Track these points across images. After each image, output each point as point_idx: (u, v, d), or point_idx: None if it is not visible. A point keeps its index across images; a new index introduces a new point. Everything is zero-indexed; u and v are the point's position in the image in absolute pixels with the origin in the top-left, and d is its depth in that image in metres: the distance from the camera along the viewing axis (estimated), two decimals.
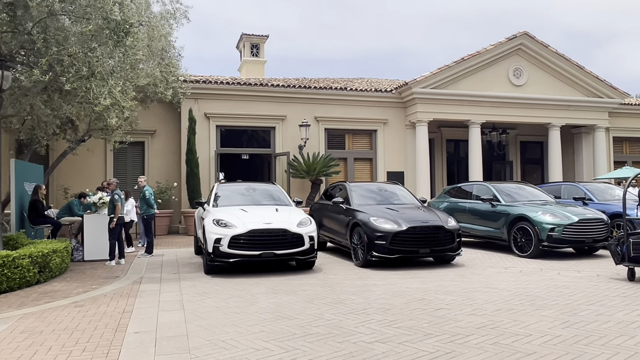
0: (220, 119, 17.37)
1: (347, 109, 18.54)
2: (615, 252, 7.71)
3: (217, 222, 8.49)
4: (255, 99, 17.60)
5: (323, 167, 16.87)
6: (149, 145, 17.24)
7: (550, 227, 9.93)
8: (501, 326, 5.17)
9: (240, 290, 7.21)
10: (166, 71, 11.21)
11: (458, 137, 20.86)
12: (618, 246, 7.69)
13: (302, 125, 17.36)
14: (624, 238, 7.58)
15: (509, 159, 21.97)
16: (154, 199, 11.46)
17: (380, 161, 18.96)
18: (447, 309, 5.96)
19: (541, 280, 7.77)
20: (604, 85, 20.09)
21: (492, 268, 9.02)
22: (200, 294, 6.96)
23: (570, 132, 21.41)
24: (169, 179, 17.04)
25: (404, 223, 8.89)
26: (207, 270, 8.59)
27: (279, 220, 8.52)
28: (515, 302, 6.28)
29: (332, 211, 10.85)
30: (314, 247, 8.71)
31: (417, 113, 18.34)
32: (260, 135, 18.41)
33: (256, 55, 25.34)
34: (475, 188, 12.28)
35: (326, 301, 6.43)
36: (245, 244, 8.25)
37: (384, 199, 10.47)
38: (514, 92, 19.17)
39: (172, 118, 17.33)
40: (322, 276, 8.32)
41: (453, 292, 6.88)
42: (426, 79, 18.10)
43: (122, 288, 7.49)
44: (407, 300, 6.41)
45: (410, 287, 7.27)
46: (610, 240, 7.97)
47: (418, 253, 8.97)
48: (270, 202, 9.92)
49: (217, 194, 10.06)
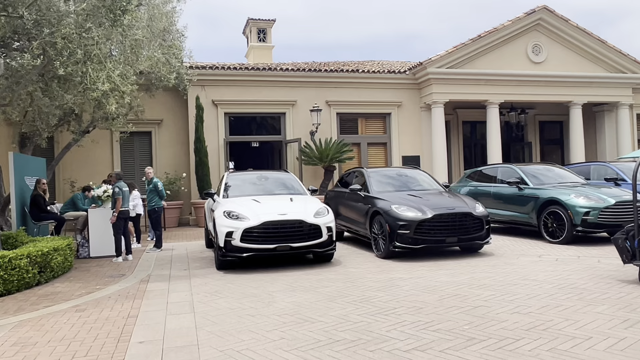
0: (229, 106, 16.75)
1: (360, 92, 17.83)
2: (624, 248, 6.21)
3: (228, 214, 7.91)
4: (264, 84, 16.95)
5: (336, 153, 16.23)
6: (156, 135, 16.68)
7: (585, 210, 9.24)
8: (553, 327, 4.55)
9: (255, 288, 6.64)
10: (168, 53, 10.58)
11: (475, 119, 20.07)
12: (627, 241, 6.19)
13: (313, 110, 16.70)
14: (634, 230, 6.11)
15: (528, 140, 21.16)
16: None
17: (395, 145, 18.27)
18: (487, 306, 5.34)
19: (582, 269, 7.12)
20: (628, 60, 19.17)
21: (525, 256, 8.37)
22: (212, 294, 6.40)
23: (592, 110, 20.54)
24: (178, 170, 16.49)
25: (429, 210, 8.25)
26: (219, 266, 8.04)
27: (294, 211, 7.92)
28: (561, 296, 5.65)
29: (349, 199, 10.23)
30: (332, 238, 8.11)
31: (432, 94, 17.59)
32: (270, 122, 17.78)
33: (263, 40, 24.59)
34: (500, 171, 11.58)
35: (350, 299, 5.85)
36: (258, 237, 7.67)
37: (404, 185, 9.83)
38: (533, 70, 18.33)
39: (178, 106, 16.74)
40: (342, 270, 7.73)
41: (489, 286, 6.26)
42: (441, 58, 17.32)
43: (128, 288, 6.96)
44: (440, 297, 5.80)
45: (440, 281, 6.66)
46: (617, 234, 6.33)
47: (444, 242, 8.35)
48: (284, 191, 9.32)
49: (227, 184, 9.48)
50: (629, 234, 6.19)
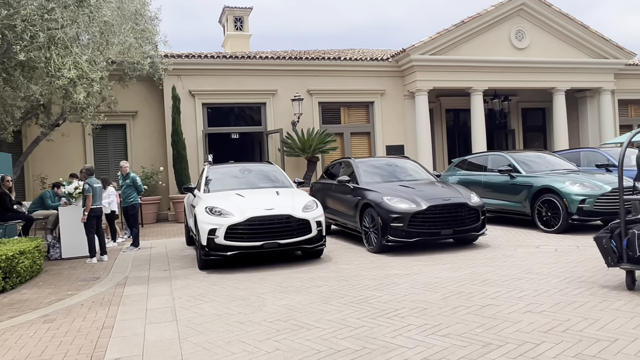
0: (207, 97, 16.09)
1: (342, 81, 17.32)
2: (609, 249, 5.23)
3: (211, 210, 7.38)
4: (242, 73, 16.31)
5: (319, 144, 15.73)
6: (131, 127, 15.94)
7: (580, 198, 8.95)
8: (572, 328, 4.17)
9: (242, 289, 6.14)
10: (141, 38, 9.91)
11: (458, 107, 19.76)
12: (612, 240, 5.22)
13: (294, 99, 16.15)
14: (619, 228, 5.17)
15: (511, 127, 20.96)
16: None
17: (379, 135, 17.85)
18: (495, 305, 4.95)
19: (585, 260, 6.80)
20: (610, 45, 19.02)
21: (522, 247, 8.04)
22: (195, 297, 5.89)
23: (574, 96, 20.41)
24: (155, 163, 15.81)
25: (423, 202, 7.84)
26: (202, 266, 7.51)
27: (281, 205, 7.43)
28: (571, 291, 5.29)
29: (336, 191, 9.77)
30: (322, 233, 7.65)
31: (416, 82, 17.18)
32: (250, 112, 17.17)
33: (240, 29, 23.93)
34: (490, 159, 11.25)
35: (346, 300, 5.40)
36: (244, 234, 7.16)
37: (394, 175, 9.41)
38: (517, 56, 18.05)
39: (154, 97, 16.01)
40: (333, 267, 7.28)
41: (493, 282, 5.88)
42: (425, 44, 16.90)
43: (102, 293, 6.40)
44: (443, 295, 5.40)
45: (440, 277, 6.26)
46: (600, 232, 5.41)
47: (439, 235, 7.96)
48: (269, 184, 8.82)
49: (208, 178, 8.94)
50: (614, 232, 5.27)
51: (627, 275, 5.26)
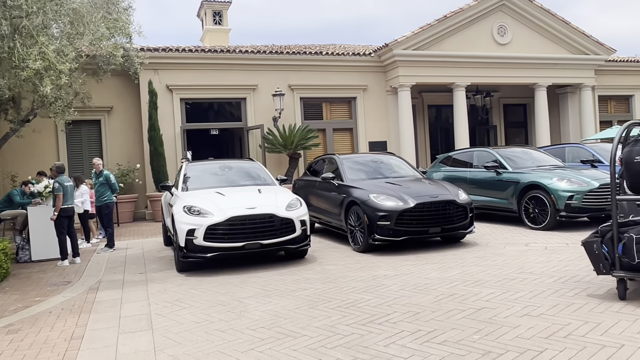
0: (185, 92, 15.62)
1: (324, 76, 17.01)
2: (600, 255, 4.68)
3: (189, 209, 7.02)
4: (222, 67, 15.87)
5: (301, 140, 15.41)
6: (106, 123, 15.39)
7: (568, 194, 8.81)
8: (574, 332, 3.95)
9: (223, 294, 5.81)
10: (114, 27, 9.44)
11: (440, 103, 19.62)
12: (603, 245, 4.70)
13: (275, 94, 15.78)
14: (611, 232, 4.67)
15: (493, 123, 20.92)
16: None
17: (361, 131, 17.59)
18: (490, 308, 4.71)
19: (577, 259, 6.62)
20: (590, 41, 19.07)
21: (511, 245, 7.85)
22: (173, 303, 5.54)
23: (555, 92, 20.43)
24: (131, 161, 15.30)
25: (411, 199, 7.59)
26: (180, 268, 7.15)
27: (263, 204, 7.10)
28: (567, 292, 5.08)
29: (320, 188, 9.48)
30: (306, 233, 7.35)
31: (398, 77, 16.96)
32: (230, 108, 16.75)
33: (219, 23, 23.42)
34: (476, 155, 11.06)
35: (334, 305, 5.11)
36: (224, 235, 6.82)
37: (380, 172, 9.14)
38: (499, 52, 17.96)
39: (130, 92, 15.48)
40: (319, 268, 6.99)
41: (485, 283, 5.65)
42: (407, 39, 16.68)
43: (73, 299, 6.00)
44: (435, 298, 5.14)
45: (430, 278, 6.01)
46: (589, 237, 4.86)
47: (427, 233, 7.71)
48: (250, 181, 8.48)
49: (186, 175, 8.55)
50: (604, 236, 4.73)
51: (619, 284, 4.73)
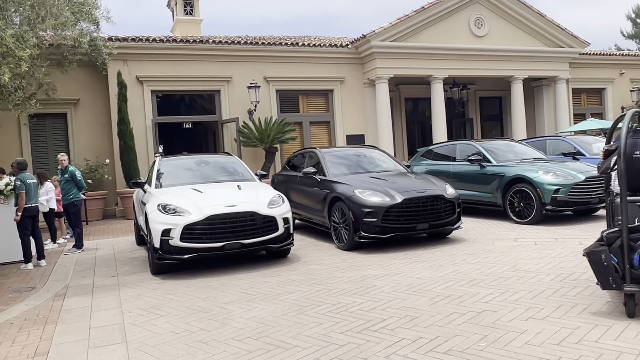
0: (156, 83, 14.99)
1: (300, 68, 16.59)
2: (610, 267, 4.00)
3: (164, 208, 6.56)
4: (195, 58, 15.30)
5: (278, 133, 14.98)
6: (72, 116, 14.64)
7: (554, 188, 8.65)
8: (586, 337, 3.70)
9: (203, 299, 5.40)
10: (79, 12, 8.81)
11: (417, 95, 19.43)
12: (612, 256, 4.04)
13: (250, 87, 15.29)
14: (619, 239, 4.05)
15: (469, 116, 20.86)
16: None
17: (339, 124, 17.25)
18: (492, 310, 4.44)
19: (570, 255, 6.43)
20: (565, 34, 19.14)
21: (500, 241, 7.64)
22: (148, 310, 5.10)
23: (530, 85, 20.47)
24: (100, 156, 14.61)
25: (398, 195, 7.28)
26: (155, 271, 6.70)
27: (244, 201, 6.69)
28: (569, 292, 4.85)
29: (301, 184, 9.11)
30: (289, 231, 6.98)
31: (376, 69, 16.67)
32: (204, 101, 16.20)
33: (190, 13, 22.67)
34: (459, 148, 10.84)
35: (324, 309, 4.76)
36: (202, 235, 6.39)
37: (363, 166, 8.82)
38: (476, 44, 17.84)
39: (98, 84, 14.76)
40: (303, 268, 6.63)
41: (481, 282, 5.38)
42: (385, 30, 16.39)
43: (38, 307, 5.50)
44: (431, 300, 4.84)
45: (422, 278, 5.72)
46: (594, 246, 4.24)
47: (415, 230, 7.43)
48: (228, 177, 8.05)
49: (159, 171, 8.06)
50: (611, 245, 4.09)
51: (629, 299, 4.05)
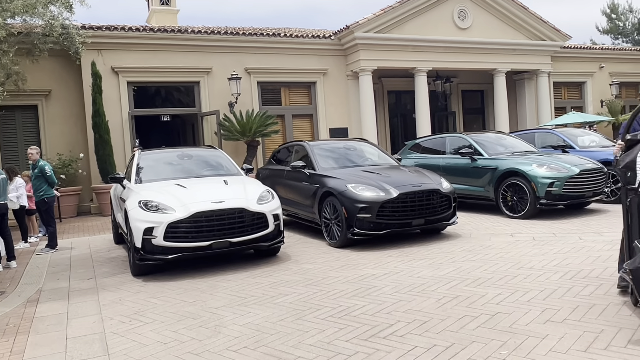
0: (132, 74, 14.38)
1: (282, 59, 16.14)
2: None
3: (145, 204, 6.11)
4: (173, 48, 14.72)
5: (260, 126, 14.54)
6: (44, 109, 13.95)
7: (549, 181, 8.46)
8: (614, 343, 3.42)
9: (191, 303, 4.99)
10: None
11: (400, 88, 19.18)
12: None
13: (231, 78, 14.80)
14: None
15: (452, 109, 20.71)
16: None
17: (322, 117, 16.88)
18: (505, 312, 4.14)
19: (572, 250, 6.21)
20: (547, 27, 19.08)
21: (496, 236, 7.39)
22: (131, 317, 4.68)
23: (512, 78, 20.40)
24: (74, 150, 13.96)
25: (393, 189, 6.96)
26: (136, 272, 6.25)
27: (232, 197, 6.28)
28: (582, 291, 4.58)
29: (289, 178, 8.73)
30: (280, 228, 6.60)
31: (360, 61, 16.33)
32: (183, 92, 15.63)
33: (167, 3, 21.89)
34: (449, 141, 10.59)
35: (324, 314, 4.41)
36: (188, 233, 5.97)
37: (354, 159, 8.48)
38: (460, 36, 17.65)
39: (71, 74, 14.09)
40: (295, 267, 6.26)
41: (487, 281, 5.10)
42: (369, 21, 16.05)
43: (8, 315, 5.02)
44: (438, 302, 4.53)
45: (423, 277, 5.41)
46: (635, 259, 3.59)
47: (410, 226, 7.12)
48: (213, 172, 7.61)
49: (139, 166, 7.58)
50: None
51: None
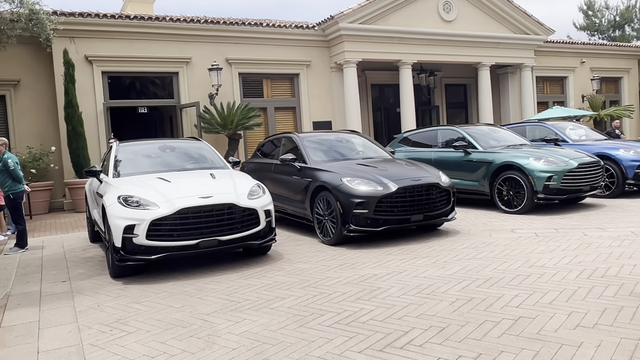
0: (107, 64, 13.70)
1: (264, 50, 15.63)
2: None
3: (125, 200, 5.59)
4: (150, 37, 14.07)
5: (242, 119, 14.00)
6: (12, 99, 13.19)
7: (547, 175, 8.18)
8: None
9: (178, 309, 4.52)
10: None
11: (384, 82, 18.86)
12: None
13: (212, 69, 14.22)
14: None
15: (435, 103, 20.47)
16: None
17: (305, 110, 16.43)
18: (528, 317, 3.79)
19: (580, 247, 5.92)
20: (531, 21, 18.96)
21: (497, 232, 7.08)
22: (112, 326, 4.18)
23: (496, 72, 20.26)
24: (45, 142, 13.23)
25: (391, 183, 6.57)
26: (116, 274, 5.73)
27: (220, 191, 5.80)
28: (605, 292, 4.26)
29: (277, 172, 8.28)
30: (271, 225, 6.16)
31: (344, 53, 15.92)
32: (161, 83, 15.02)
33: None
34: (441, 134, 10.26)
35: (329, 320, 3.99)
36: (173, 231, 5.47)
37: (347, 153, 8.06)
38: (445, 29, 17.38)
39: (41, 63, 13.34)
40: (289, 267, 5.82)
41: (500, 281, 4.74)
42: (354, 12, 15.63)
43: None
44: (452, 305, 4.16)
45: (430, 277, 5.04)
46: None
47: (409, 222, 6.74)
48: (198, 165, 7.11)
49: (117, 158, 7.03)
50: None
51: None
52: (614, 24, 38.12)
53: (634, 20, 37.88)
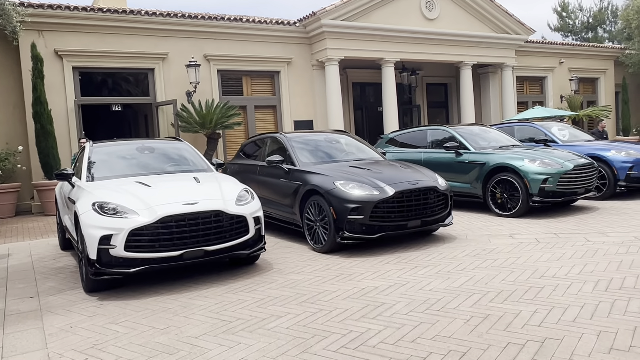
0: (78, 59, 13.00)
1: (244, 46, 15.11)
2: None
3: (101, 207, 5.07)
4: (124, 31, 13.43)
5: (222, 118, 13.48)
6: None
7: (542, 177, 7.93)
8: None
9: (163, 330, 4.04)
10: None
11: (365, 80, 18.56)
12: None
13: (189, 65, 13.65)
14: None
15: (416, 102, 20.24)
16: None
17: (286, 108, 15.97)
18: (555, 338, 3.45)
19: (587, 254, 5.64)
20: (512, 20, 18.89)
21: (495, 238, 6.77)
22: (87, 353, 3.68)
23: (477, 72, 20.15)
24: (11, 142, 12.48)
25: (387, 187, 6.19)
26: (90, 288, 5.20)
27: (206, 197, 5.33)
28: (628, 306, 3.95)
29: (263, 174, 7.83)
30: (260, 233, 5.71)
31: (326, 50, 15.51)
32: (135, 80, 14.37)
33: None
34: (430, 134, 9.94)
35: (334, 343, 3.58)
36: (155, 241, 4.97)
37: (338, 154, 7.65)
38: (427, 27, 17.13)
39: (6, 57, 12.59)
40: (280, 278, 5.39)
41: (512, 294, 4.40)
42: (336, 8, 15.24)
43: None
44: (468, 324, 3.79)
45: (436, 290, 4.67)
46: None
47: (406, 228, 6.37)
48: (179, 167, 6.61)
49: (91, 160, 6.47)
50: None
51: None
52: (587, 26, 38.65)
53: (606, 22, 38.48)
